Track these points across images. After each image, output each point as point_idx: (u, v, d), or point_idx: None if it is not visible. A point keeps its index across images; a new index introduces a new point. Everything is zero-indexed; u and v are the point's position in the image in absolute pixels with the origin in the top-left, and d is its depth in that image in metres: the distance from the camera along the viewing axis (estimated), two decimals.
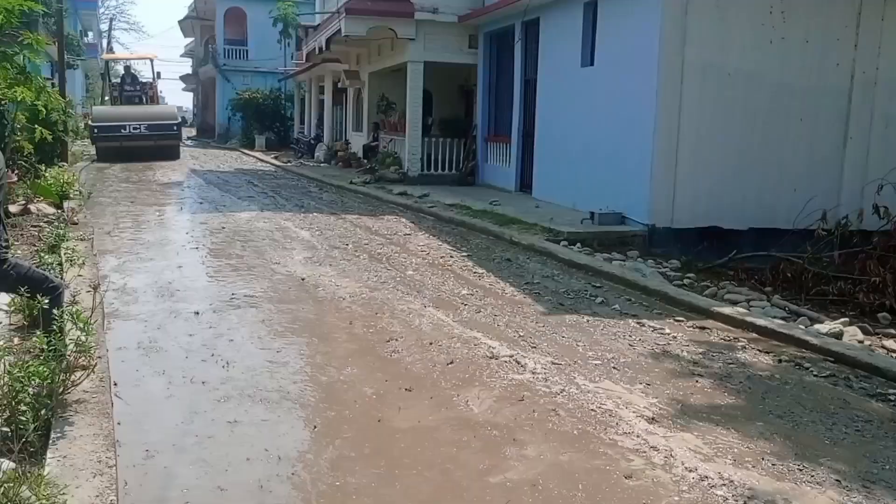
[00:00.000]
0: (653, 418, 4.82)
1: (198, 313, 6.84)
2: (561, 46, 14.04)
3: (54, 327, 4.55)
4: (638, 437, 4.53)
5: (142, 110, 26.09)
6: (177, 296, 7.47)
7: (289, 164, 25.76)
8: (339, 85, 26.13)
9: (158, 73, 29.87)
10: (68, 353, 4.38)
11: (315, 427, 4.57)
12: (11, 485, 3.23)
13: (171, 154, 25.45)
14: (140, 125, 24.34)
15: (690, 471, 4.12)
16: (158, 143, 24.63)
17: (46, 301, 4.62)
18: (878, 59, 11.48)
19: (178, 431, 4.42)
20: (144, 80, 30.54)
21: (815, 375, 5.83)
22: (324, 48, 21.61)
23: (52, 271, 6.87)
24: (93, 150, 25.26)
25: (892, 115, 11.65)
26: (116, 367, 5.23)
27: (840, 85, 11.41)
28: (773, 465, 4.25)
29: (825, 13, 11.22)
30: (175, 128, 25.75)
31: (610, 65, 12.26)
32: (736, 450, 4.42)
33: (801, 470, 4.20)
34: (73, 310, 4.63)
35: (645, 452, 4.33)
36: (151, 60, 30.12)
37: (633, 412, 4.90)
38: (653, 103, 10.82)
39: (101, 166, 22.74)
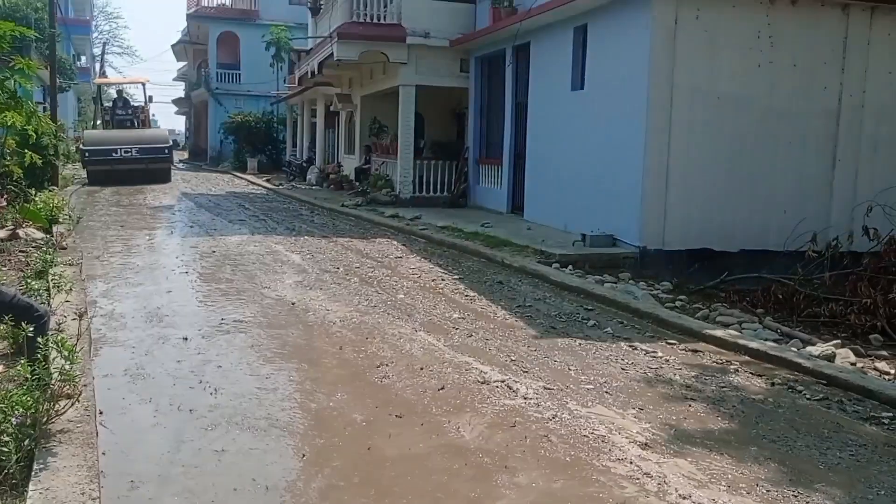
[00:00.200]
0: (646, 444, 4.76)
1: (186, 339, 6.77)
2: (551, 70, 14.10)
3: (38, 355, 4.47)
4: (631, 463, 4.48)
5: (133, 134, 26.08)
6: (165, 321, 7.40)
7: (280, 186, 25.73)
8: (332, 108, 26.17)
9: (150, 97, 29.80)
10: (52, 382, 4.30)
11: (304, 455, 4.50)
12: None
13: (162, 177, 25.45)
14: (131, 148, 24.36)
15: (684, 498, 4.06)
16: (149, 167, 24.65)
17: (31, 329, 4.55)
18: (864, 83, 11.56)
19: (164, 461, 4.34)
20: (136, 105, 30.52)
21: (808, 398, 5.79)
22: (316, 72, 21.67)
23: (38, 298, 6.81)
24: (84, 174, 25.19)
25: (879, 137, 11.72)
26: (102, 395, 5.16)
27: (828, 108, 11.47)
28: (767, 491, 4.20)
29: (812, 37, 11.31)
30: (166, 151, 25.76)
31: (600, 88, 12.32)
32: (730, 475, 4.37)
33: (796, 496, 4.15)
34: (59, 338, 4.56)
35: (638, 479, 4.27)
36: (143, 85, 30.15)
37: (626, 437, 4.85)
38: (642, 126, 10.86)
39: (91, 190, 22.66)
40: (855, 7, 11.37)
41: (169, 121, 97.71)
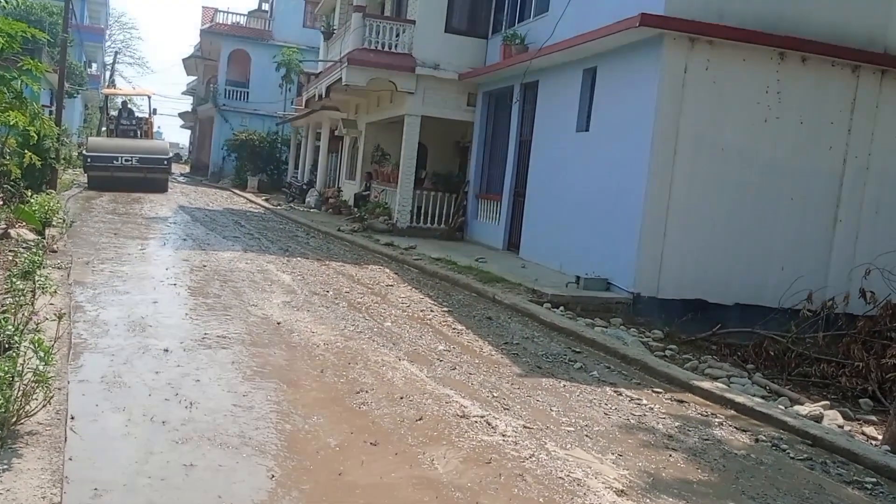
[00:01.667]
0: (622, 490, 4.73)
1: (167, 350, 6.74)
2: (558, 110, 14.23)
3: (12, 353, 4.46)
4: None
5: (135, 143, 26.90)
6: (148, 331, 7.37)
7: (279, 207, 25.82)
8: (336, 132, 26.37)
9: (155, 110, 31.07)
10: (24, 382, 4.27)
11: (273, 476, 4.46)
12: None
13: (160, 186, 26.36)
14: (132, 157, 25.14)
15: None
16: (148, 176, 25.50)
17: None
18: (871, 145, 11.66)
19: (130, 471, 4.30)
20: (140, 116, 31.38)
21: (791, 458, 5.76)
22: (324, 95, 21.89)
23: (22, 297, 6.78)
24: (83, 180, 25.73)
25: (882, 201, 11.79)
26: (76, 400, 5.12)
27: (832, 168, 11.55)
28: None
29: (820, 96, 11.43)
30: (165, 162, 26.59)
31: (605, 131, 12.42)
32: None
33: None
34: (36, 338, 4.54)
35: None
36: (149, 97, 31.43)
37: (603, 483, 4.81)
38: (644, 172, 10.92)
39: (89, 195, 22.73)
40: (865, 69, 11.50)
41: (174, 134, 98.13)
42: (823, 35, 11.25)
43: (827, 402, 7.54)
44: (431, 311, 9.93)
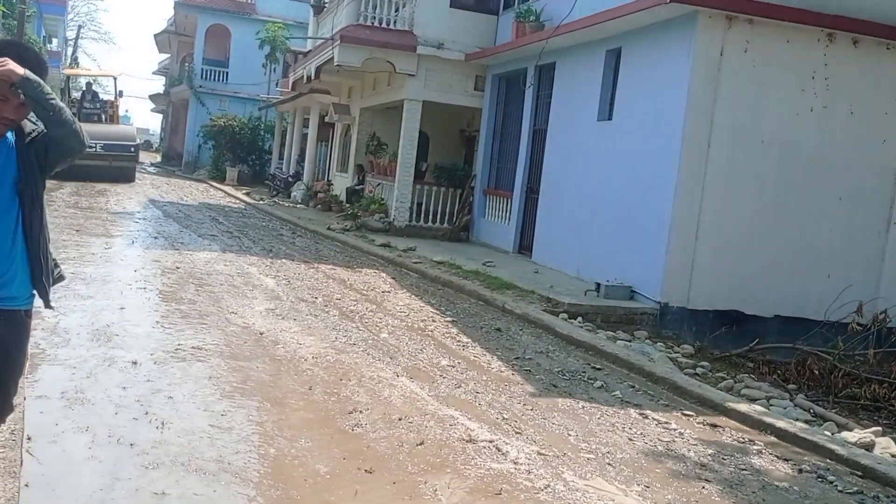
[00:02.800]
0: None
1: (136, 363, 6.73)
2: (577, 96, 14.24)
3: None
4: None
5: (99, 129, 26.97)
6: (114, 341, 7.37)
7: (261, 202, 25.85)
8: (327, 119, 26.41)
9: (121, 92, 31.23)
10: None
11: None
12: None
13: (127, 176, 26.71)
14: (96, 144, 25.09)
15: None
16: (114, 165, 25.73)
17: None
18: None
19: (93, 500, 4.29)
20: (106, 98, 31.74)
21: (839, 490, 5.75)
22: (313, 77, 21.88)
23: None
24: None
25: None
26: (33, 419, 5.13)
27: (886, 164, 11.53)
28: None
29: (873, 83, 11.41)
30: (132, 149, 26.97)
31: (630, 120, 12.42)
32: None
33: None
34: None
35: None
36: (115, 78, 31.50)
37: None
38: (675, 167, 10.91)
39: (48, 187, 22.67)
40: None
41: (144, 118, 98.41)
42: (878, 15, 11.22)
43: (879, 429, 7.52)
44: (433, 320, 9.92)
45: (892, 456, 6.76)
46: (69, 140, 3.35)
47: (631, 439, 6.30)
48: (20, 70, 3.14)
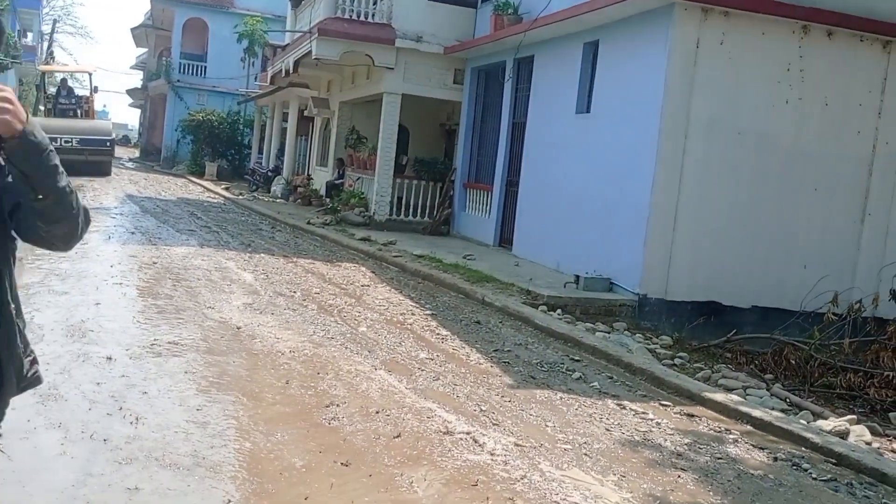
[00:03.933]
0: None
1: (111, 359, 6.69)
2: (555, 89, 14.24)
3: None
4: None
5: (75, 124, 27.46)
6: (89, 336, 7.32)
7: (241, 197, 25.76)
8: (306, 113, 26.31)
9: (96, 88, 31.41)
10: None
11: (230, 501, 4.43)
12: None
13: (103, 170, 27.12)
14: (72, 139, 25.59)
15: None
16: (90, 159, 25.92)
17: None
18: None
19: (65, 496, 4.26)
20: (81, 94, 31.86)
21: (813, 478, 5.78)
22: (291, 71, 21.77)
23: None
24: None
25: None
26: (5, 415, 5.06)
27: (860, 154, 11.61)
28: None
29: (848, 75, 11.48)
30: (108, 144, 27.39)
31: (608, 113, 12.44)
32: None
33: None
34: None
35: None
36: (90, 74, 31.83)
37: None
38: (652, 159, 10.94)
39: None
40: None
41: (122, 114, 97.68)
42: (851, 7, 11.29)
43: (853, 417, 7.57)
44: (412, 314, 9.91)
45: (866, 443, 6.81)
46: (62, 230, 2.34)
47: (608, 430, 6.32)
48: (22, 114, 2.09)
